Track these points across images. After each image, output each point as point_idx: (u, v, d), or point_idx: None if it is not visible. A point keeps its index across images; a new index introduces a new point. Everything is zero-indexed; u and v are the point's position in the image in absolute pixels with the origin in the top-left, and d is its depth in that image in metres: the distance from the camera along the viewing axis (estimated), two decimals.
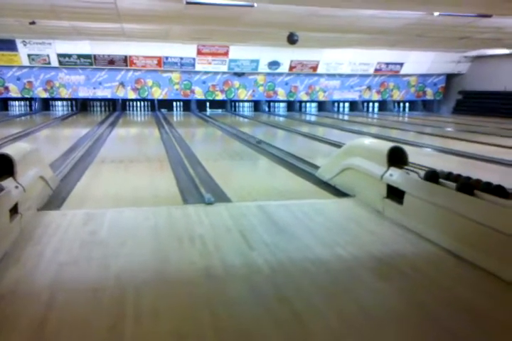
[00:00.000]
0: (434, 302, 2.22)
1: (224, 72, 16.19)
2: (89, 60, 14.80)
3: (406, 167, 3.66)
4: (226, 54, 15.26)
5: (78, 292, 2.26)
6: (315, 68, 16.49)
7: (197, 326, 1.98)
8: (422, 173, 3.34)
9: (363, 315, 2.08)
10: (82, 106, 16.15)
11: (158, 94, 16.16)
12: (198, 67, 15.62)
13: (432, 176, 3.20)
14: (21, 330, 1.92)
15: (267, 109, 17.33)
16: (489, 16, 8.20)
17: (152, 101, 16.46)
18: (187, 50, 14.95)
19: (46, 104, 16.06)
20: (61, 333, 1.91)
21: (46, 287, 2.30)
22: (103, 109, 16.40)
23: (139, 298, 2.21)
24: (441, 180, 3.10)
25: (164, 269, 2.55)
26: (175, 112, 16.61)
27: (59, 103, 16.27)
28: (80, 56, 14.64)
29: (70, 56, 14.60)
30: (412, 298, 2.28)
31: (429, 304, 2.20)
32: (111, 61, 14.93)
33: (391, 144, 4.00)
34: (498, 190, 2.62)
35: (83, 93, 15.69)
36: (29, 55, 14.36)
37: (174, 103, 16.78)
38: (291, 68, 16.31)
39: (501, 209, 2.51)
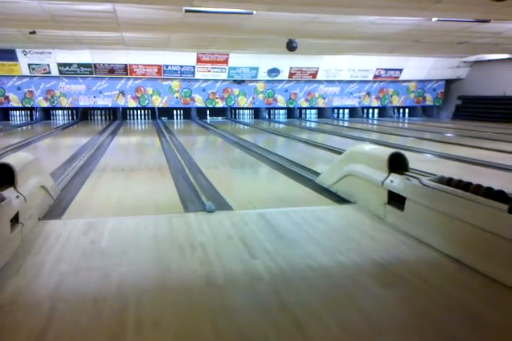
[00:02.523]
0: (435, 308, 2.21)
1: (224, 80, 16.24)
2: (90, 69, 14.85)
3: (407, 173, 3.66)
4: (226, 62, 15.32)
5: (79, 302, 2.25)
6: (314, 75, 16.54)
7: (198, 334, 1.97)
8: (424, 179, 3.34)
9: (364, 322, 2.07)
10: (82, 115, 16.18)
11: (158, 102, 16.20)
12: (198, 75, 15.67)
13: None
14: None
15: (267, 116, 17.36)
16: (487, 21, 8.23)
17: (152, 109, 16.50)
18: (187, 58, 15.01)
19: (47, 114, 16.09)
20: None
21: (47, 297, 2.29)
22: (104, 117, 16.44)
23: (140, 307, 2.20)
24: (443, 186, 3.09)
25: (165, 278, 2.54)
26: (175, 120, 16.64)
27: (60, 112, 16.31)
28: (80, 65, 14.70)
29: (70, 65, 14.66)
30: (413, 304, 2.28)
31: (430, 310, 2.19)
32: (111, 70, 14.98)
33: (391, 150, 3.99)
34: (500, 195, 2.62)
35: (84, 102, 15.73)
36: (29, 65, 14.42)
37: (174, 111, 16.82)
38: (290, 75, 16.36)
39: (502, 214, 2.50)
